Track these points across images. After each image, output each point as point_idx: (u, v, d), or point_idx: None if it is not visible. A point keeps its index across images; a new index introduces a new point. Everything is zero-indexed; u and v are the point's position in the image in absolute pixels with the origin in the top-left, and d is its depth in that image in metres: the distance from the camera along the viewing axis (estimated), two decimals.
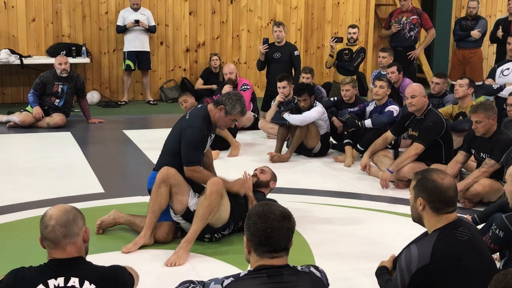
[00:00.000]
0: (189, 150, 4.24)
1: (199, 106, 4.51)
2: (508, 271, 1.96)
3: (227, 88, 7.70)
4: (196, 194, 4.32)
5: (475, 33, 9.26)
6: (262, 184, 4.70)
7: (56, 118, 8.13)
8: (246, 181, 4.49)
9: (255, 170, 4.80)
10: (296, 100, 6.87)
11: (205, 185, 4.27)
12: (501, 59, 8.76)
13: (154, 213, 4.19)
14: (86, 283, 2.43)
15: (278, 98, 7.39)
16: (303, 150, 6.89)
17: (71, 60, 8.97)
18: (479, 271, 2.60)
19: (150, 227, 4.20)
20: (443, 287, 2.60)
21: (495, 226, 3.30)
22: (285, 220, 2.36)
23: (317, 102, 6.82)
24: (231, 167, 6.26)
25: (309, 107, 6.68)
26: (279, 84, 7.43)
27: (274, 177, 4.80)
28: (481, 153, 5.18)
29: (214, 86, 9.48)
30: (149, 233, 4.20)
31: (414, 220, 2.86)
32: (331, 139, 7.10)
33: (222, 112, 4.32)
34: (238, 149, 6.83)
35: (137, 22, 9.68)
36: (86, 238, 2.55)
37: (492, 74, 7.22)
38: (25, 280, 2.43)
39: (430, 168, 2.89)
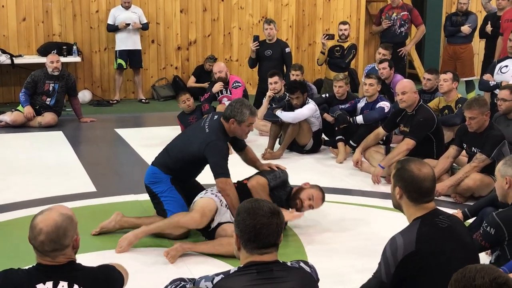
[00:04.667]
0: (221, 162, 4.22)
1: (215, 118, 4.42)
2: (466, 268, 1.96)
3: (218, 86, 7.69)
4: (226, 206, 4.26)
5: (465, 29, 9.29)
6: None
7: (48, 117, 8.11)
8: (293, 217, 4.36)
9: (310, 199, 4.48)
10: (288, 97, 6.88)
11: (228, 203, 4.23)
12: (490, 54, 8.80)
13: (162, 231, 4.23)
14: (76, 286, 2.42)
15: (269, 93, 7.40)
16: (296, 147, 6.90)
17: (62, 59, 8.91)
18: (460, 257, 2.63)
19: (149, 233, 4.20)
20: (427, 274, 2.63)
21: (486, 224, 3.31)
22: (274, 216, 2.37)
23: (310, 100, 6.83)
24: None
25: (302, 105, 6.69)
26: (270, 80, 7.43)
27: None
28: (473, 148, 5.21)
29: (206, 85, 9.47)
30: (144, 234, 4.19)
31: (395, 206, 2.91)
32: (323, 135, 7.12)
33: (235, 124, 4.30)
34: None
35: (128, 25, 9.66)
36: (76, 246, 2.52)
37: (491, 70, 7.20)
38: (13, 282, 2.41)
39: (411, 158, 2.94)
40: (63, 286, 2.40)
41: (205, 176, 4.58)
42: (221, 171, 4.21)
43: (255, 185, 4.41)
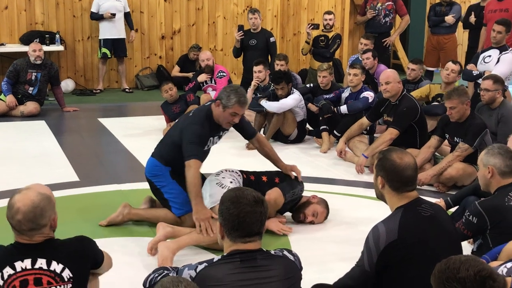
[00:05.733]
0: (187, 145, 4.08)
1: (207, 104, 4.32)
2: (450, 259, 1.97)
3: (203, 76, 7.67)
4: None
5: (449, 19, 9.31)
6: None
7: (30, 106, 8.05)
8: (280, 231, 4.25)
9: (314, 216, 4.43)
10: (273, 87, 6.87)
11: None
12: (473, 45, 8.84)
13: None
14: (54, 263, 2.42)
15: (254, 83, 7.38)
16: (280, 137, 6.90)
17: (45, 48, 8.85)
18: (442, 246, 2.66)
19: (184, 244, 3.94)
20: (410, 262, 2.65)
21: (468, 213, 3.34)
22: (258, 205, 2.37)
23: (294, 90, 6.83)
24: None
25: (287, 95, 6.69)
26: (255, 68, 7.41)
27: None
28: (455, 138, 5.24)
29: (191, 74, 9.43)
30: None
31: (378, 197, 2.94)
32: (307, 125, 7.13)
33: (219, 107, 4.16)
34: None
35: (113, 15, 9.58)
36: (53, 225, 2.51)
37: (475, 60, 7.24)
38: None
39: (392, 147, 2.97)
40: (41, 264, 2.41)
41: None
42: (187, 154, 4.03)
43: (272, 202, 4.15)
